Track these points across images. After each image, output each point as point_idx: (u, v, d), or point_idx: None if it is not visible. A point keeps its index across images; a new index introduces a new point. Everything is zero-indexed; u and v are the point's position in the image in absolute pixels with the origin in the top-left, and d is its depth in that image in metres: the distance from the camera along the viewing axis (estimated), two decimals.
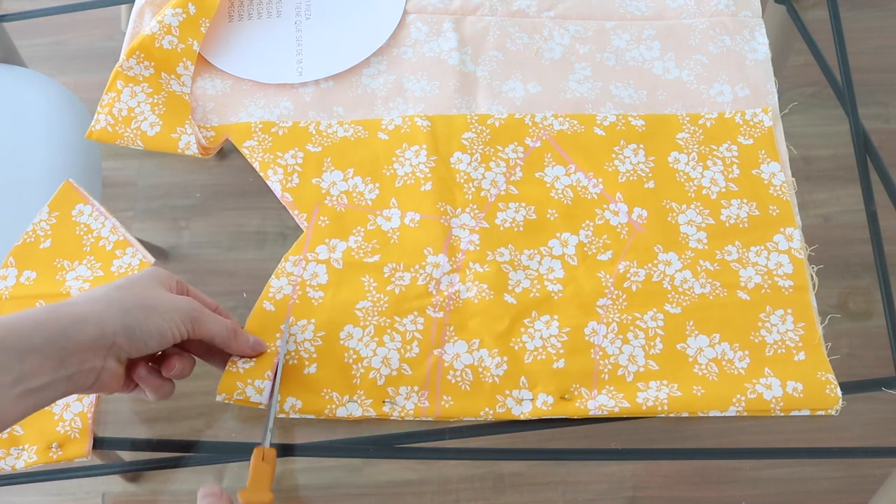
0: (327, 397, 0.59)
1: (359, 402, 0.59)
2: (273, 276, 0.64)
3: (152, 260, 0.65)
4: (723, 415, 0.59)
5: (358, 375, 0.60)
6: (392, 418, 0.59)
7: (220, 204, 1.37)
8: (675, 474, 1.14)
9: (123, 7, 0.86)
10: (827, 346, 0.61)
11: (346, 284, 0.64)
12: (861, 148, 0.73)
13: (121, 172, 1.38)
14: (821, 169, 1.33)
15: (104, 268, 0.65)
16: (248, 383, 0.58)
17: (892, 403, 0.61)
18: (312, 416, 0.59)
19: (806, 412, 0.59)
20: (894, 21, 1.53)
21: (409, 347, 0.61)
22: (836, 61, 0.77)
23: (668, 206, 0.67)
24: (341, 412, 0.59)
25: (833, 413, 0.59)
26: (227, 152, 0.72)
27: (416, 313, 0.62)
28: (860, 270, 0.93)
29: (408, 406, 0.59)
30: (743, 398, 0.59)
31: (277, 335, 0.61)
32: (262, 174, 0.69)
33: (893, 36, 1.51)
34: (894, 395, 0.61)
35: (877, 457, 0.61)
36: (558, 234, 0.66)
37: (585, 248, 0.66)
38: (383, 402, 0.59)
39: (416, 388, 0.60)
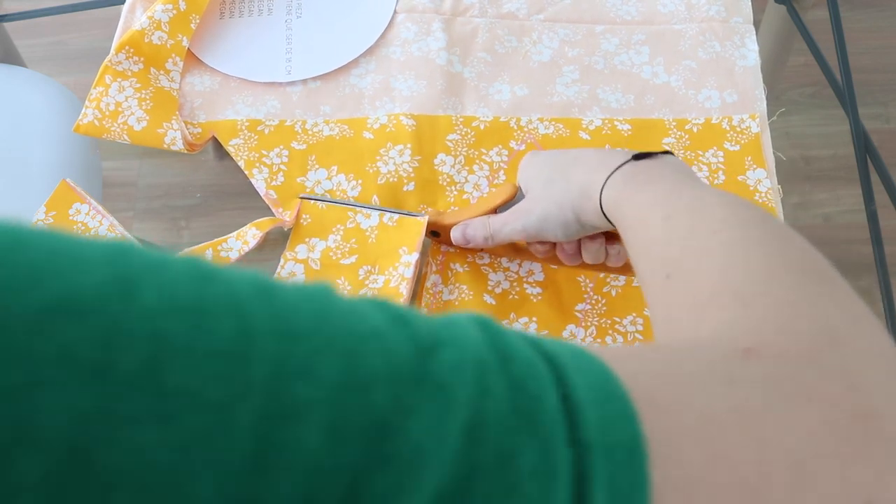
0: None
1: None
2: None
3: None
4: None
5: None
6: None
7: (220, 204, 1.37)
8: None
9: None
10: None
11: None
12: (861, 148, 0.72)
13: (121, 172, 1.38)
14: (821, 169, 1.33)
15: None
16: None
17: None
18: None
19: None
20: (894, 21, 1.53)
21: None
22: (836, 61, 0.77)
23: None
24: None
25: None
26: (226, 152, 0.72)
27: None
28: (860, 270, 0.93)
29: None
30: None
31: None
32: (246, 172, 0.69)
33: (893, 36, 1.51)
34: None
35: None
36: None
37: None
38: None
39: None
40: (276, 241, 0.67)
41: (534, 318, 0.63)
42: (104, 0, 0.86)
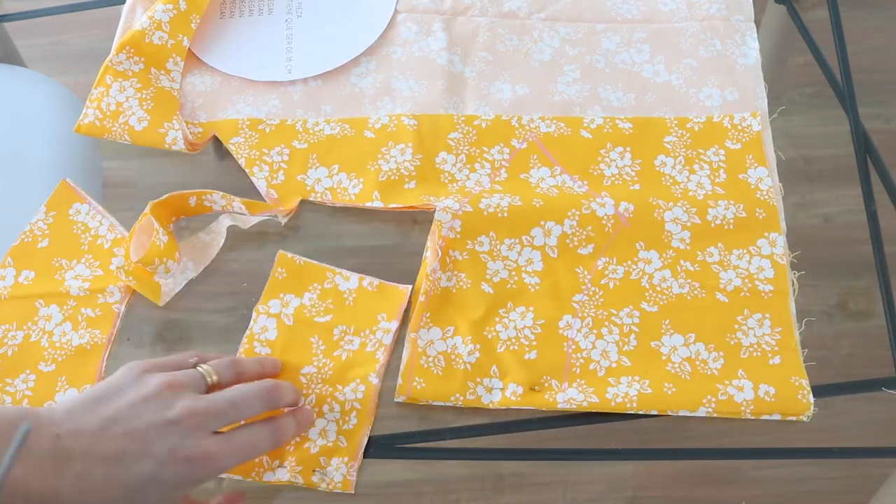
0: (257, 460, 0.57)
1: (289, 468, 0.57)
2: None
3: None
4: (692, 415, 0.59)
5: (292, 443, 0.58)
6: (320, 489, 0.57)
7: None
8: (675, 474, 1.14)
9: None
10: (804, 353, 0.61)
11: (294, 344, 0.62)
12: (861, 148, 0.73)
13: (121, 172, 1.37)
14: (821, 169, 1.33)
15: (103, 266, 0.65)
16: None
17: (892, 403, 0.61)
18: (239, 478, 0.57)
19: (777, 417, 0.59)
20: (894, 21, 1.53)
21: (347, 419, 0.59)
22: (836, 61, 0.77)
23: (654, 203, 0.67)
24: (268, 476, 0.57)
25: (804, 419, 0.59)
26: (227, 152, 0.72)
27: (357, 381, 0.60)
28: (860, 270, 0.93)
29: (336, 478, 0.57)
30: (713, 399, 0.59)
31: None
32: (247, 171, 0.69)
33: (893, 36, 1.51)
34: (894, 395, 0.61)
35: (877, 457, 0.61)
36: (542, 223, 0.66)
37: (567, 241, 0.65)
38: (313, 471, 0.57)
39: (345, 460, 0.58)
40: (275, 241, 0.67)
41: (531, 308, 0.63)
42: (104, 0, 0.86)
